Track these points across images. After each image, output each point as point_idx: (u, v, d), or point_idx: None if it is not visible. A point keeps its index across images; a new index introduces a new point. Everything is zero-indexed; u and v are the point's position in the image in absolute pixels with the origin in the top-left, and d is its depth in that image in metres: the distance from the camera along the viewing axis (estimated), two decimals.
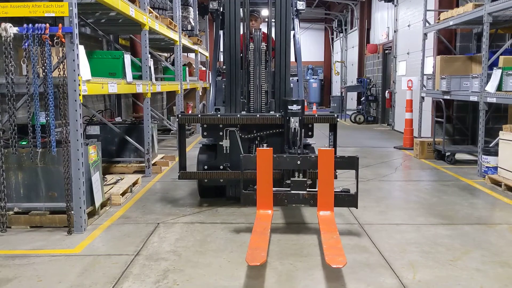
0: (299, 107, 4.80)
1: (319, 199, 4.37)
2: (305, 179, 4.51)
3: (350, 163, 4.46)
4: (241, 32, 5.49)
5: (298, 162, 4.46)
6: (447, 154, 8.27)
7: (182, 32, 9.88)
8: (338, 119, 5.21)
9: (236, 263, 3.74)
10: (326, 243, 3.69)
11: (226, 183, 5.31)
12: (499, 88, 6.62)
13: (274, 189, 4.44)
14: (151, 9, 7.51)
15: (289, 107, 4.81)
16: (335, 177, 5.20)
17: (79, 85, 4.30)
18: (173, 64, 10.37)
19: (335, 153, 5.23)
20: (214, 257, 3.85)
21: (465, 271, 3.58)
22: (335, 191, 4.38)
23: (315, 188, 4.71)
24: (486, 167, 6.79)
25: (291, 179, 4.52)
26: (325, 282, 3.40)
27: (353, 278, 3.46)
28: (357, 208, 4.56)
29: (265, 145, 4.97)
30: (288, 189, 4.52)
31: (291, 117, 4.78)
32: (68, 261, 3.79)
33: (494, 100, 6.66)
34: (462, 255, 3.90)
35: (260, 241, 3.74)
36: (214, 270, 3.59)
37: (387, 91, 14.64)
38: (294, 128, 4.76)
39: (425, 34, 9.69)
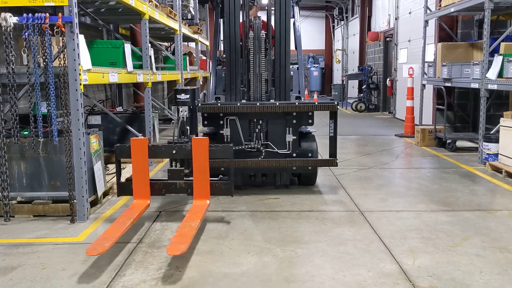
0: (188, 96, 4.78)
1: (195, 188, 4.34)
2: (182, 168, 4.52)
3: (226, 152, 4.41)
4: (241, 20, 5.48)
5: (174, 152, 4.44)
6: (448, 141, 8.28)
7: (182, 21, 9.83)
8: (338, 107, 5.20)
9: (237, 250, 3.77)
10: (178, 232, 3.73)
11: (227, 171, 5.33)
12: (500, 75, 6.61)
13: (151, 178, 4.46)
14: None
15: (178, 96, 4.79)
16: (336, 164, 5.24)
17: (79, 74, 4.31)
18: (173, 53, 10.33)
19: (335, 141, 5.25)
20: (215, 244, 3.89)
21: (465, 257, 3.61)
22: (211, 180, 4.36)
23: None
24: (487, 154, 6.80)
25: (168, 168, 4.58)
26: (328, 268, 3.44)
27: (353, 264, 3.49)
28: (232, 196, 4.57)
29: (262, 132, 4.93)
30: (166, 178, 4.55)
31: (179, 106, 4.78)
32: (71, 249, 3.83)
33: (495, 87, 6.65)
34: (462, 241, 3.93)
35: (113, 232, 3.71)
36: (216, 257, 3.63)
37: (388, 79, 14.60)
38: (183, 117, 4.75)
39: (426, 21, 9.64)
